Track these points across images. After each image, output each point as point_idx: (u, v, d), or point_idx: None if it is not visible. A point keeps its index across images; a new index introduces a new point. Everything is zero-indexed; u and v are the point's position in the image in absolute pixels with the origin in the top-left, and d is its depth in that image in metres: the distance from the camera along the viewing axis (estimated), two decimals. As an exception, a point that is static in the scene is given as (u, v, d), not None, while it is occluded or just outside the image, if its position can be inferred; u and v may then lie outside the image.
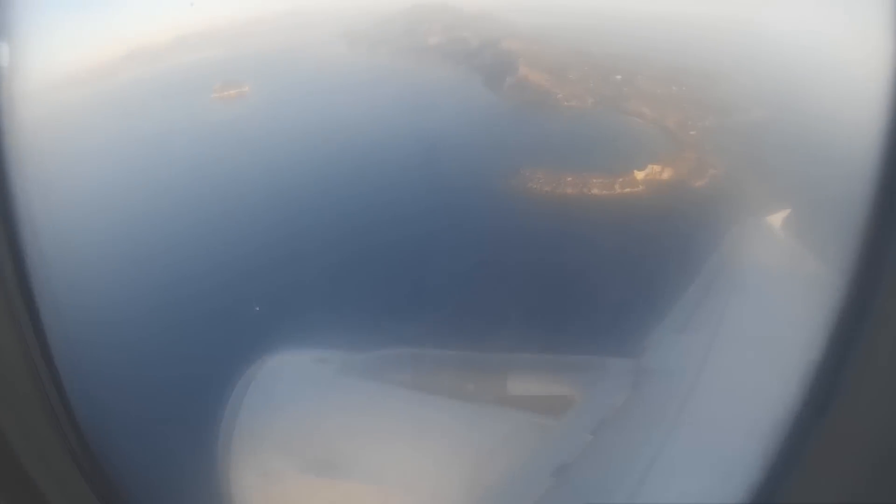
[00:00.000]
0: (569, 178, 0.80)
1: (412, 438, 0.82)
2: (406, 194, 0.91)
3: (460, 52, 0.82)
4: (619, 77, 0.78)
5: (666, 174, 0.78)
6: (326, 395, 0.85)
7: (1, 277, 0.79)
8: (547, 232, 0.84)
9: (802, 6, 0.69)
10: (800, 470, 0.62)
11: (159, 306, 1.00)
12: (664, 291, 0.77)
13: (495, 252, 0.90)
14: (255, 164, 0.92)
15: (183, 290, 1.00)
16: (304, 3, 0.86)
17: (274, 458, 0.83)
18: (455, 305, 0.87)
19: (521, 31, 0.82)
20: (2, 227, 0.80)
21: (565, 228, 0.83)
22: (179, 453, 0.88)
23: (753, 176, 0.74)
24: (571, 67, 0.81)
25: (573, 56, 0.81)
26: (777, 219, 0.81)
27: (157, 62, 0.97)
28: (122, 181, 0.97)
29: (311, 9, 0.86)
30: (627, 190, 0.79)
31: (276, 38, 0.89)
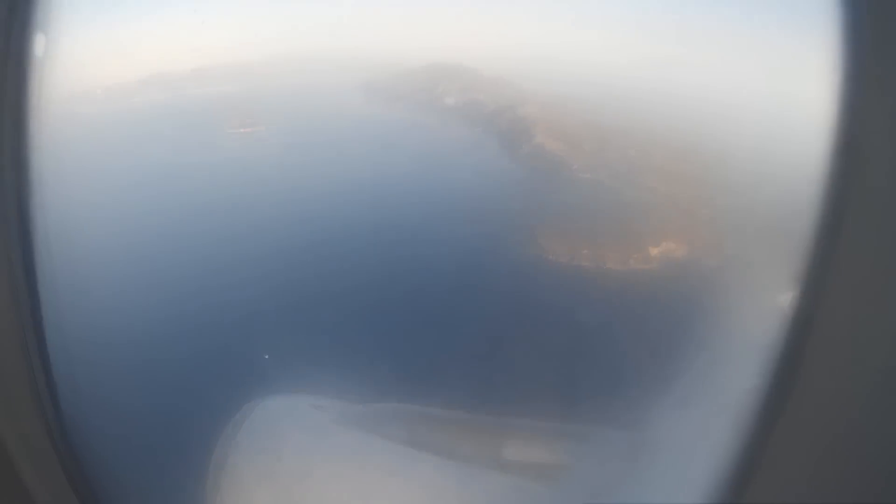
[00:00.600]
0: (585, 251, 0.82)
1: (402, 495, 0.90)
2: (417, 252, 0.92)
3: (476, 114, 0.82)
4: (633, 152, 0.78)
5: (680, 252, 0.79)
6: (319, 443, 0.93)
7: (11, 281, 0.79)
8: (557, 301, 0.85)
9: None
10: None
11: (160, 334, 1.01)
12: (668, 366, 0.85)
13: (503, 316, 0.92)
14: (264, 207, 0.92)
15: (184, 322, 1.01)
16: (322, 50, 0.86)
17: (259, 495, 0.91)
18: (458, 366, 0.93)
19: (537, 98, 0.83)
20: (15, 228, 0.80)
21: (576, 298, 0.84)
22: (168, 481, 0.93)
23: (764, 256, 0.76)
24: (587, 139, 0.81)
25: (588, 127, 0.81)
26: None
27: (174, 91, 0.97)
28: (130, 206, 0.97)
29: (330, 56, 0.87)
30: (642, 266, 0.80)
31: (293, 81, 0.89)
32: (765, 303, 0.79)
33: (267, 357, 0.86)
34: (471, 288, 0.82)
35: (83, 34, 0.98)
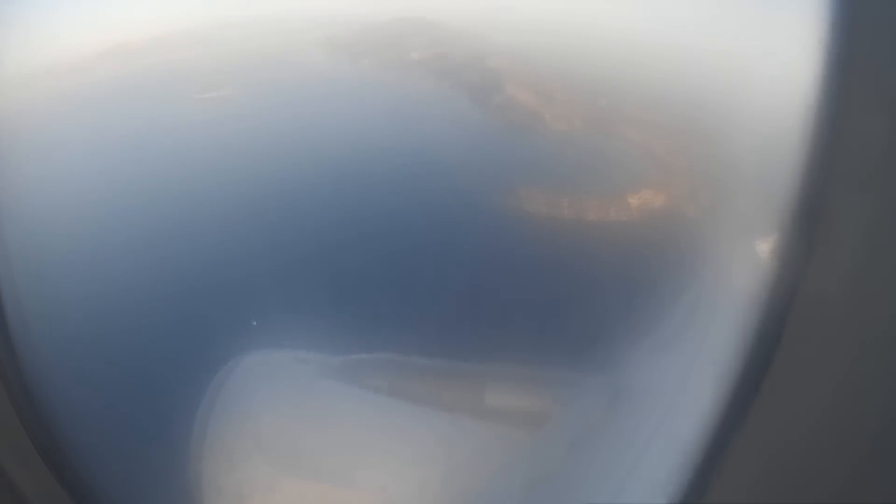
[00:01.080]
0: (565, 201, 0.81)
1: (385, 445, 0.91)
2: (392, 208, 0.90)
3: (445, 68, 0.79)
4: (604, 101, 0.76)
5: (658, 201, 0.79)
6: (302, 397, 0.91)
7: None
8: (535, 249, 0.84)
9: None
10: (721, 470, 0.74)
11: (131, 303, 0.99)
12: (647, 313, 0.84)
13: (481, 266, 0.91)
14: (235, 169, 0.90)
15: (157, 287, 0.99)
16: (282, 9, 0.83)
17: (246, 458, 0.90)
18: (438, 315, 0.90)
19: (505, 49, 0.80)
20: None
21: (556, 247, 0.83)
22: (151, 449, 0.93)
23: (741, 204, 0.76)
24: (557, 89, 0.79)
25: (559, 78, 0.79)
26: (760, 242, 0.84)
27: (135, 61, 0.94)
28: (95, 177, 0.94)
29: (290, 15, 0.83)
30: (622, 215, 0.79)
31: (256, 42, 0.86)
32: (747, 253, 0.80)
33: (255, 324, 0.85)
34: (447, 238, 0.81)
35: (38, 9, 0.95)
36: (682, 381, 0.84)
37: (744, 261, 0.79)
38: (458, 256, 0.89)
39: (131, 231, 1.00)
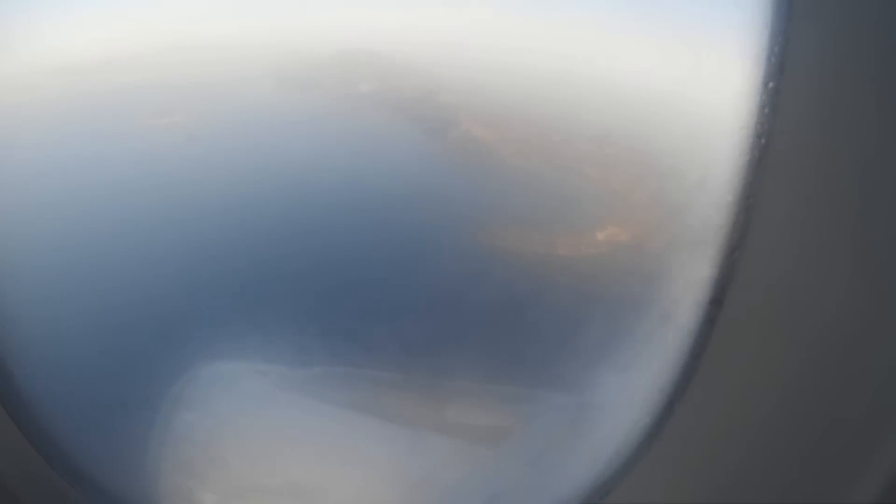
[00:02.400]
0: (526, 233, 0.81)
1: (344, 460, 0.91)
2: (350, 239, 0.88)
3: (396, 101, 0.77)
4: (556, 137, 0.74)
5: (624, 236, 0.79)
6: (259, 410, 0.91)
7: None
8: (500, 276, 0.84)
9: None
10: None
11: (86, 316, 0.99)
12: (611, 332, 0.85)
13: (444, 290, 0.90)
14: (188, 194, 0.88)
15: (117, 297, 0.99)
16: (230, 38, 0.80)
17: (203, 470, 0.91)
18: (399, 329, 0.90)
19: (457, 85, 0.77)
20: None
21: (519, 274, 0.83)
22: (109, 457, 0.93)
23: (689, 221, 0.77)
24: (511, 125, 0.77)
25: (511, 114, 0.77)
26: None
27: (85, 81, 0.91)
28: (48, 196, 0.93)
29: (237, 43, 0.80)
30: (592, 250, 0.79)
31: (205, 69, 0.83)
32: (693, 264, 0.81)
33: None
34: (408, 265, 0.80)
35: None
36: (642, 396, 0.85)
37: (690, 272, 0.81)
38: (420, 282, 0.88)
39: (84, 248, 0.99)
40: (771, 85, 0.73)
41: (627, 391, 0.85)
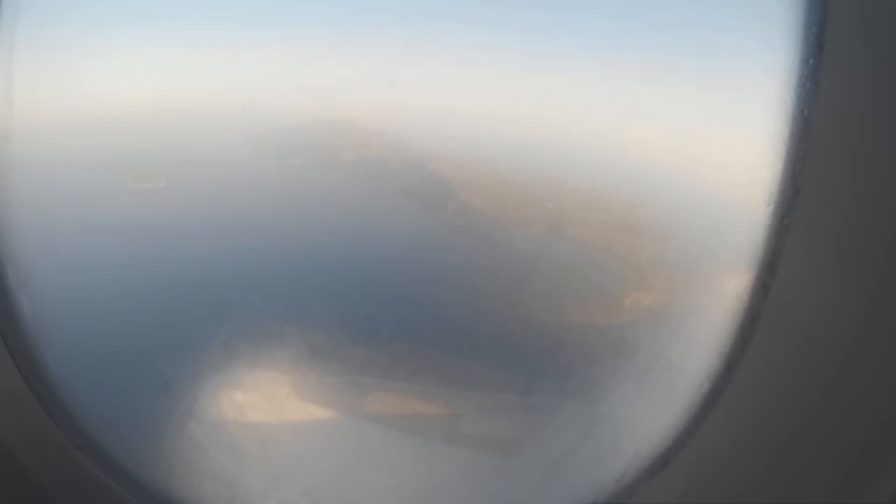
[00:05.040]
0: (537, 299, 0.78)
1: (358, 469, 0.89)
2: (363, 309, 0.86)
3: (382, 171, 0.70)
4: (551, 205, 0.68)
5: (648, 300, 0.75)
6: (275, 417, 0.90)
7: None
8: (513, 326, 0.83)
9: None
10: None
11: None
12: (626, 343, 0.83)
13: (457, 315, 0.86)
14: (173, 260, 0.85)
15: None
16: (205, 102, 0.74)
17: (216, 472, 0.89)
18: (414, 340, 0.87)
19: (446, 155, 0.70)
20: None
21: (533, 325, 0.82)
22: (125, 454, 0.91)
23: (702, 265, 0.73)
24: (507, 194, 0.70)
25: (503, 183, 0.70)
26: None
27: (61, 141, 0.87)
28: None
29: (213, 108, 0.74)
30: (623, 317, 0.76)
31: (186, 134, 0.78)
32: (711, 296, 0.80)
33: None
34: (416, 316, 0.82)
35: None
36: (657, 407, 0.83)
37: (709, 302, 0.80)
38: (433, 324, 0.86)
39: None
40: (797, 168, 0.71)
41: (640, 402, 0.84)
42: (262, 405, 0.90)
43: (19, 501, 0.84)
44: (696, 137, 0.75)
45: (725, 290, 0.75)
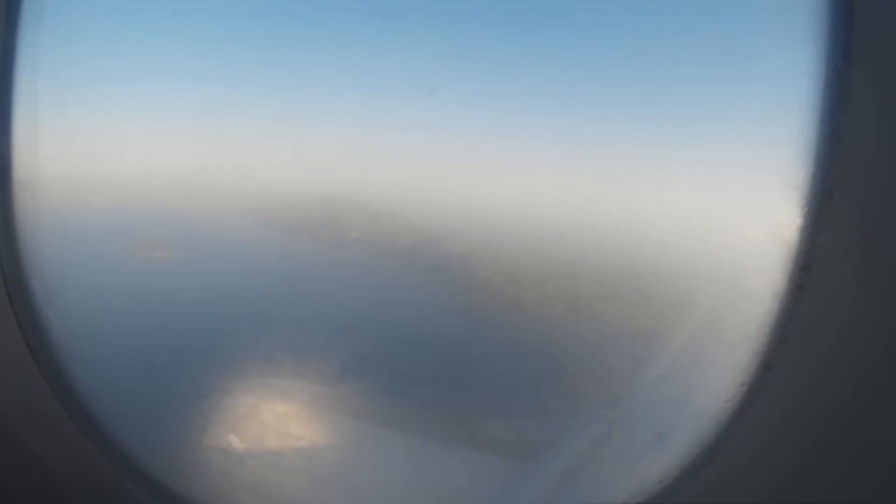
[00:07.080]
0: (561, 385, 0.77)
1: (377, 475, 0.88)
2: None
3: (391, 249, 0.67)
4: (567, 282, 0.65)
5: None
6: (294, 426, 0.89)
7: None
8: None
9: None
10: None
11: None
12: (644, 346, 0.82)
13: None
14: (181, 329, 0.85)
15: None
16: (202, 173, 0.71)
17: (257, 489, 0.88)
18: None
19: (457, 233, 0.67)
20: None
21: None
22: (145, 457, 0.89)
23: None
24: (523, 274, 0.67)
25: (516, 262, 0.67)
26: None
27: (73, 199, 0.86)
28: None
29: (211, 180, 0.72)
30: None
31: (191, 203, 0.75)
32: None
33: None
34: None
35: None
36: (676, 412, 0.83)
37: (746, 304, 0.78)
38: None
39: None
40: (829, 170, 0.71)
41: (659, 405, 0.83)
42: (303, 416, 0.89)
43: None
44: (731, 137, 0.75)
45: (762, 292, 0.75)
